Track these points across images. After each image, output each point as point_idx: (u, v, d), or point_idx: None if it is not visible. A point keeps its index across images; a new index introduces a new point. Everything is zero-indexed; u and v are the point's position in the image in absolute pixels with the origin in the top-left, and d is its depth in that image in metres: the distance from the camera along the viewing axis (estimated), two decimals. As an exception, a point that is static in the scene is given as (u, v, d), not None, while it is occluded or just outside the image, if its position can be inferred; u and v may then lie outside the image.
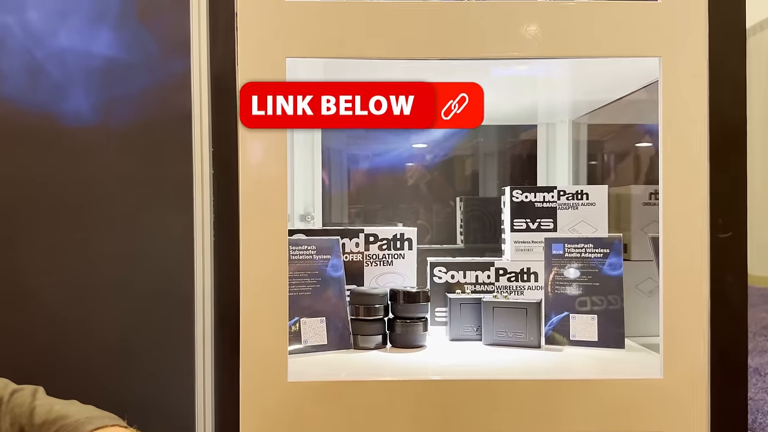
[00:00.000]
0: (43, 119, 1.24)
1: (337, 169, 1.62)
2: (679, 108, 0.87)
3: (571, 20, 0.87)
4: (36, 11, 1.25)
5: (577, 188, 1.19)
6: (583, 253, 1.10)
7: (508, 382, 0.89)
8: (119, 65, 1.25)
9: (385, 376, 0.91)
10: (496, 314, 1.10)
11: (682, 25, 0.87)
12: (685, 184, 0.88)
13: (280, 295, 0.87)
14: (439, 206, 1.61)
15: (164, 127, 1.24)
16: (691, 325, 0.88)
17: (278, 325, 0.87)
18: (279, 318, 0.87)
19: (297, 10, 0.87)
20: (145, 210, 1.23)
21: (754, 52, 4.25)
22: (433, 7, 0.88)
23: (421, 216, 1.61)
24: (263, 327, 0.87)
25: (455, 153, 1.64)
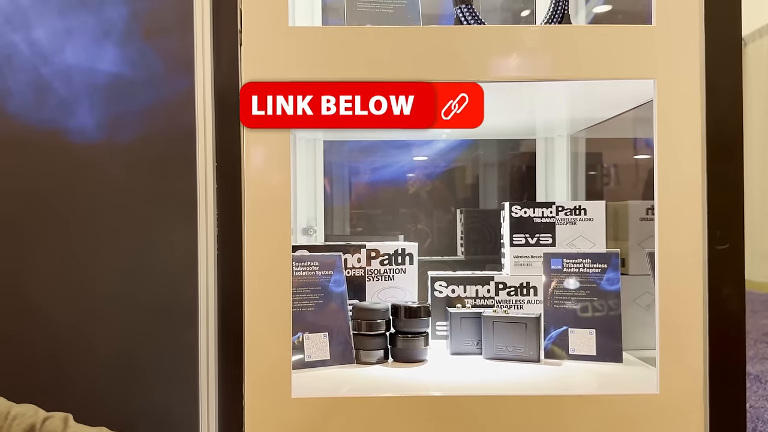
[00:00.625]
0: (49, 135, 1.26)
1: (338, 182, 1.64)
2: (674, 127, 0.89)
3: (567, 44, 0.89)
4: (42, 29, 1.27)
5: (576, 204, 1.21)
6: (581, 268, 1.12)
7: (508, 398, 0.90)
8: (124, 82, 1.27)
9: (388, 392, 0.92)
10: (496, 328, 1.12)
11: (676, 47, 0.89)
12: (680, 200, 0.89)
13: (284, 310, 0.89)
14: (439, 219, 1.63)
15: (168, 143, 1.25)
16: (687, 340, 0.89)
17: (282, 340, 0.88)
18: (283, 333, 0.88)
19: (299, 35, 0.89)
20: (149, 224, 1.25)
21: (753, 59, 4.27)
22: (440, 33, 0.90)
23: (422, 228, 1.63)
24: (267, 343, 0.89)
25: (456, 165, 1.66)
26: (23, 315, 1.23)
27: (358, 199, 1.67)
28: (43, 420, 0.82)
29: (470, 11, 0.96)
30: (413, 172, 1.65)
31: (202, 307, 1.17)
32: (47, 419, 0.83)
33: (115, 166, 1.27)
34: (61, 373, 1.23)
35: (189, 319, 1.19)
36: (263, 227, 0.89)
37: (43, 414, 0.84)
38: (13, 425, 0.81)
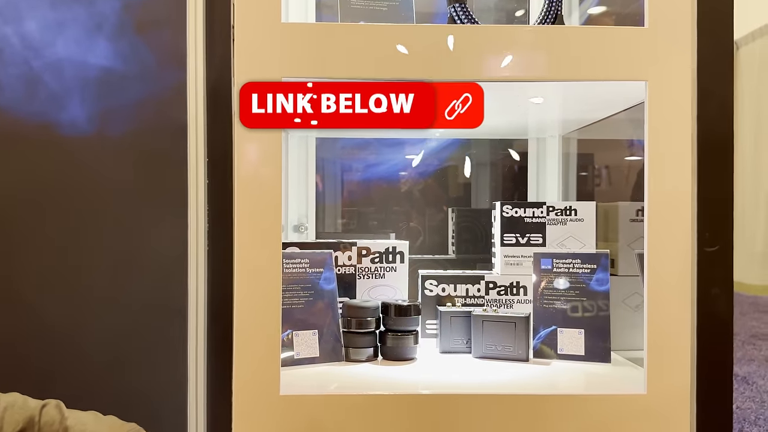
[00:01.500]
0: (39, 128, 1.25)
1: (330, 179, 1.64)
2: (665, 129, 0.89)
3: (560, 44, 0.89)
4: (34, 22, 1.26)
5: (566, 204, 1.21)
6: (571, 268, 1.12)
7: (496, 397, 0.90)
8: (116, 76, 1.27)
9: (377, 390, 0.92)
10: (486, 327, 1.12)
11: (668, 49, 0.89)
12: (671, 201, 0.89)
13: (274, 307, 0.88)
14: (431, 217, 1.63)
15: (160, 137, 1.25)
16: (675, 341, 0.89)
17: (271, 337, 0.88)
18: (272, 330, 0.88)
19: (292, 31, 0.89)
20: (139, 219, 1.24)
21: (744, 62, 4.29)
22: (428, 31, 0.89)
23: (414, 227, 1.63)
24: (256, 339, 0.88)
25: (448, 164, 1.66)
26: (11, 311, 1.23)
27: (350, 196, 1.67)
28: (40, 410, 0.82)
29: (464, 10, 0.96)
30: (405, 170, 1.65)
31: (192, 303, 1.17)
32: (43, 408, 0.83)
33: (106, 161, 1.26)
34: (49, 370, 1.22)
35: (178, 315, 1.19)
36: (254, 224, 0.89)
37: (34, 403, 0.84)
38: (5, 415, 0.81)
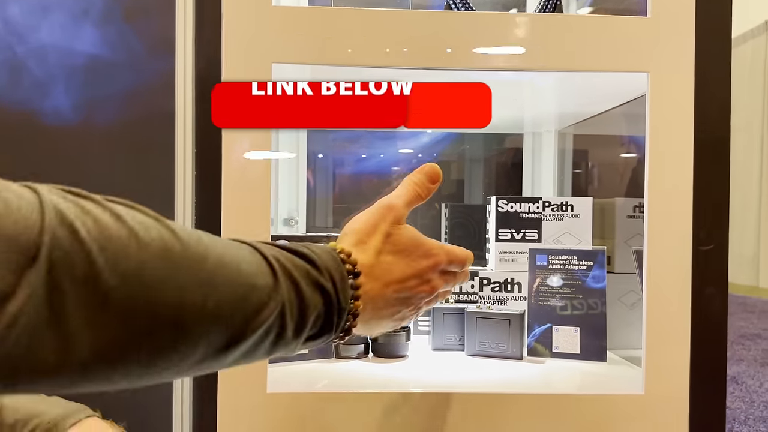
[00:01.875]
0: (22, 117, 1.22)
1: (322, 172, 1.61)
2: (666, 123, 0.87)
3: (559, 34, 0.87)
4: (18, 6, 1.23)
5: (562, 199, 1.19)
6: (566, 265, 1.10)
7: (489, 396, 0.88)
8: (102, 63, 1.23)
9: (367, 388, 0.90)
10: (479, 325, 1.09)
11: (670, 40, 0.87)
12: (671, 197, 0.87)
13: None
14: (423, 213, 1.61)
15: (147, 127, 1.22)
16: (674, 341, 0.87)
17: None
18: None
19: (284, 15, 0.86)
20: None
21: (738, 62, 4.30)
22: (423, 17, 0.87)
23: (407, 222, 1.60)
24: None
25: (441, 159, 1.63)
26: None
27: (342, 190, 1.64)
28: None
29: (461, -2, 0.94)
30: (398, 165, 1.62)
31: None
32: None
33: (92, 150, 1.23)
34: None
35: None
36: (242, 216, 0.86)
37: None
38: None
